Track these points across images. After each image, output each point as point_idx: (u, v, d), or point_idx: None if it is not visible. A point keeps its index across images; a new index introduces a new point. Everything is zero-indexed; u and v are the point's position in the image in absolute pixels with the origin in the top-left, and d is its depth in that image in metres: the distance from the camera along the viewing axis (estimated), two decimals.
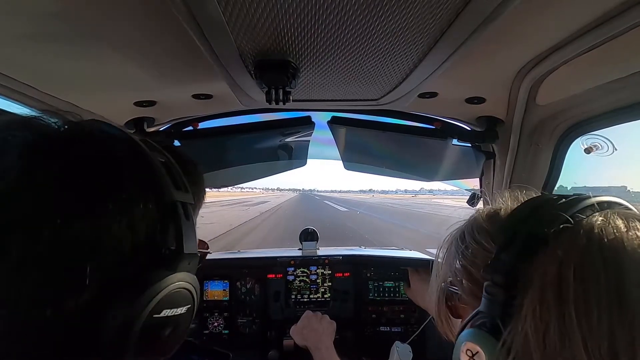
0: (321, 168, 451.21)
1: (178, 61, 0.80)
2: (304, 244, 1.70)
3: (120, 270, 0.29)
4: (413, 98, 0.95)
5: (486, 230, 0.45)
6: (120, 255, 0.29)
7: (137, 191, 0.31)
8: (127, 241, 0.29)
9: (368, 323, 1.52)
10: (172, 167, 0.36)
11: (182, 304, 0.34)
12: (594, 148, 0.98)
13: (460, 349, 0.38)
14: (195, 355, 0.63)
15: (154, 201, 0.32)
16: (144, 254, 0.31)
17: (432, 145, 1.34)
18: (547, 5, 0.59)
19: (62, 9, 0.57)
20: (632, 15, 0.57)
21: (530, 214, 0.40)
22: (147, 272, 0.31)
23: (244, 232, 12.16)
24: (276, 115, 1.31)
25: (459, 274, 0.46)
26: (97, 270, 0.28)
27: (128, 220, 0.29)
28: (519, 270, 0.36)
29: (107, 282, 0.29)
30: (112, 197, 0.29)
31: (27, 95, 0.86)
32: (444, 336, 0.51)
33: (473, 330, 0.38)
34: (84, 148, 0.30)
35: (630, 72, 0.72)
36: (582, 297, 0.32)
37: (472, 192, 1.46)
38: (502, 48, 0.74)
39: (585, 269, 0.33)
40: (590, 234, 0.35)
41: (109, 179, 0.30)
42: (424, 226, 15.65)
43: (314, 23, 0.55)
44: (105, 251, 0.28)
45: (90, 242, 0.27)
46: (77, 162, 0.29)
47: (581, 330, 0.31)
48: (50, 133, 0.30)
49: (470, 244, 0.45)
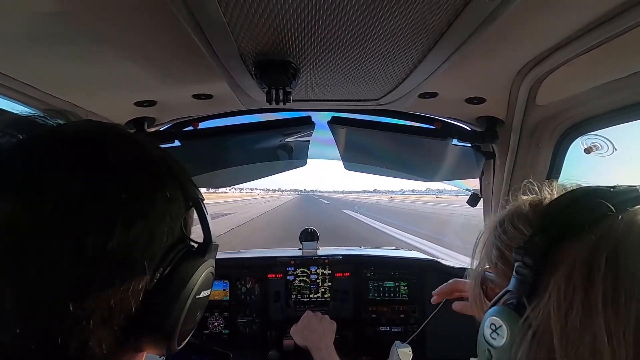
0: (322, 168, 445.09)
1: (178, 61, 0.80)
2: (304, 244, 1.70)
3: (168, 259, 0.34)
4: (413, 98, 0.95)
5: (526, 216, 0.46)
6: (167, 247, 0.34)
7: (173, 191, 0.35)
8: (172, 235, 0.34)
9: (368, 323, 1.52)
10: (182, 168, 0.40)
11: (209, 286, 0.40)
12: (594, 148, 0.98)
13: (485, 323, 0.40)
14: (195, 355, 0.63)
15: (184, 199, 0.36)
16: (183, 244, 0.36)
17: (432, 146, 1.34)
18: (546, 6, 0.59)
19: (63, 9, 0.57)
20: (632, 16, 0.57)
21: (571, 201, 0.41)
22: (190, 260, 0.36)
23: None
24: (276, 115, 1.31)
25: (494, 258, 0.48)
26: (151, 261, 0.32)
27: (170, 217, 0.34)
28: (549, 252, 0.37)
29: (161, 270, 0.33)
30: (159, 198, 0.33)
31: (27, 95, 0.86)
32: (477, 319, 0.52)
33: (499, 307, 0.40)
34: (129, 153, 0.34)
35: (630, 72, 0.72)
36: (612, 283, 0.32)
37: (472, 192, 1.47)
38: (502, 48, 0.74)
39: (620, 255, 0.33)
40: (630, 224, 0.35)
41: (154, 182, 0.34)
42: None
43: (314, 23, 0.55)
44: (157, 244, 0.33)
45: (146, 238, 0.32)
46: (128, 168, 0.33)
47: (605, 313, 0.32)
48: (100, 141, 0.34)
49: (508, 228, 0.46)
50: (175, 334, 0.35)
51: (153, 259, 0.32)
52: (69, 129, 0.34)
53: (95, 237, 0.28)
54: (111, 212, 0.30)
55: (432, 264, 1.57)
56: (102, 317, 0.29)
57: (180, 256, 0.35)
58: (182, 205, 0.36)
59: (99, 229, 0.29)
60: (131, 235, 0.30)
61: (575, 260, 0.35)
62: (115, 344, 0.31)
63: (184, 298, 0.34)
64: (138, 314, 0.32)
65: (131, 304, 0.31)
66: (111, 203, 0.30)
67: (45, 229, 0.27)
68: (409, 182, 18.78)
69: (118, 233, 0.29)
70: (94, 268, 0.29)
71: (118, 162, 0.32)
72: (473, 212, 1.47)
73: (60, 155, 0.30)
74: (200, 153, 1.41)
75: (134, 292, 0.31)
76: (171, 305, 0.34)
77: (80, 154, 0.31)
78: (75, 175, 0.29)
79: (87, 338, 0.29)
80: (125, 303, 0.31)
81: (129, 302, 0.31)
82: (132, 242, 0.30)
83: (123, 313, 0.31)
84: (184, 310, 0.34)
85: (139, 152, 0.35)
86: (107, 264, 0.29)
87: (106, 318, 0.30)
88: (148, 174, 0.34)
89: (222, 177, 1.61)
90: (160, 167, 0.35)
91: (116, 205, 0.30)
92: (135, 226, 0.30)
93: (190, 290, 0.35)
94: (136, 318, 0.32)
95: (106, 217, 0.29)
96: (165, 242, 0.33)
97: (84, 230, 0.28)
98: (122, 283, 0.30)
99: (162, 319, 0.33)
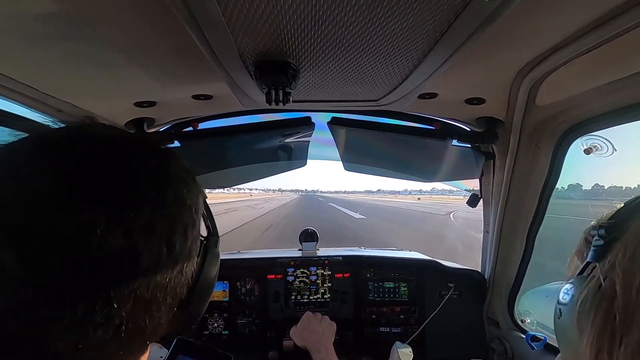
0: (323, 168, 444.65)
1: (178, 62, 0.80)
2: (304, 244, 1.70)
3: (195, 247, 0.38)
4: (413, 99, 0.95)
5: (619, 208, 0.49)
6: (193, 237, 0.37)
7: (195, 188, 0.39)
8: (195, 226, 0.38)
9: (368, 324, 1.52)
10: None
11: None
12: (593, 149, 0.98)
13: (561, 292, 0.45)
14: (195, 356, 0.62)
15: (200, 196, 0.41)
16: (202, 235, 0.41)
17: (431, 146, 1.34)
18: (546, 7, 0.59)
19: (63, 10, 0.57)
20: (631, 16, 0.57)
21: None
22: (213, 251, 0.43)
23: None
24: (276, 116, 1.31)
25: (583, 247, 0.51)
26: (184, 248, 0.35)
27: (192, 210, 0.37)
28: (620, 225, 0.41)
29: (190, 257, 0.37)
30: (184, 195, 0.36)
31: (27, 96, 0.86)
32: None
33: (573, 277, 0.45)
34: (153, 158, 0.37)
35: (629, 72, 0.72)
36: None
37: (472, 193, 1.47)
38: (502, 49, 0.74)
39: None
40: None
41: (181, 181, 0.37)
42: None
43: (314, 24, 0.55)
44: (184, 234, 0.36)
45: (197, 232, 0.38)
46: (180, 171, 0.37)
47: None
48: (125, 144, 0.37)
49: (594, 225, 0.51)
50: (200, 311, 0.42)
51: (184, 245, 0.36)
52: (113, 138, 0.36)
53: (183, 236, 0.34)
54: (175, 220, 0.34)
55: (432, 265, 1.57)
56: (168, 304, 0.34)
57: (205, 248, 0.41)
58: (200, 201, 0.41)
59: (180, 231, 0.34)
60: (195, 233, 0.37)
61: (638, 229, 0.39)
62: (165, 322, 0.36)
63: (212, 284, 0.43)
64: (189, 291, 0.38)
65: (185, 284, 0.37)
66: (184, 207, 0.35)
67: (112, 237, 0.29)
68: (412, 182, 18.54)
69: (191, 232, 0.36)
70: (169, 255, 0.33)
71: (176, 171, 0.37)
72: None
73: (114, 165, 0.32)
74: (199, 154, 1.41)
75: (187, 274, 0.37)
76: (207, 291, 0.42)
77: (147, 164, 0.35)
78: (144, 185, 0.33)
79: (158, 320, 0.34)
80: (180, 292, 0.36)
81: (183, 284, 0.36)
82: (193, 238, 0.36)
83: (179, 292, 0.36)
84: (209, 290, 0.42)
85: (174, 158, 0.39)
86: (182, 253, 0.34)
87: (169, 304, 0.34)
88: (187, 175, 0.38)
89: (222, 177, 1.61)
90: (182, 167, 0.40)
91: (187, 208, 0.36)
92: (196, 224, 0.37)
93: (214, 274, 0.43)
94: (187, 295, 0.38)
95: (190, 217, 0.36)
96: (192, 232, 0.38)
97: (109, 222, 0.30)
98: (182, 268, 0.35)
99: (200, 303, 0.41)
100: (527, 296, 1.36)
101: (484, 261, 1.48)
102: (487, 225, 1.41)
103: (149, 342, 0.36)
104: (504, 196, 1.22)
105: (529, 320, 1.35)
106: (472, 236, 8.26)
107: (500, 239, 1.30)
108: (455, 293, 1.48)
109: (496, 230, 1.30)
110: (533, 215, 1.19)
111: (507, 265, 1.33)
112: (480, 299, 1.46)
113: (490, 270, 1.41)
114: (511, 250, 1.29)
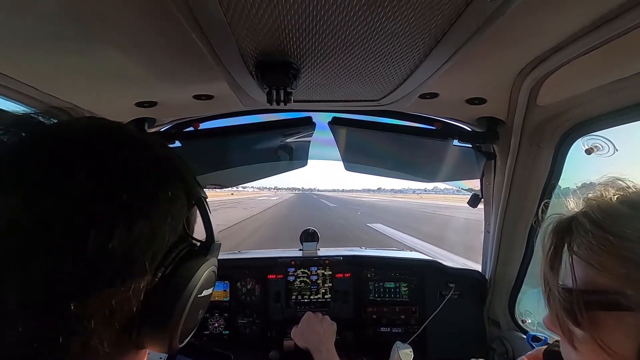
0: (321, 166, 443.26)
1: (179, 62, 0.80)
2: (305, 244, 1.70)
3: (170, 259, 0.34)
4: (414, 99, 0.95)
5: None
6: (168, 246, 0.34)
7: (176, 190, 0.35)
8: (174, 234, 0.34)
9: (368, 324, 1.52)
10: (187, 166, 0.39)
11: (212, 285, 0.40)
12: (594, 149, 0.98)
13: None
14: (197, 357, 0.62)
15: (187, 198, 0.36)
16: (186, 243, 0.36)
17: (432, 146, 1.34)
18: (547, 7, 0.59)
19: (63, 9, 0.57)
20: (632, 17, 0.57)
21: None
22: (192, 259, 0.36)
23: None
24: (277, 115, 1.31)
25: None
26: (153, 261, 0.32)
27: (172, 216, 0.34)
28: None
29: (162, 269, 0.33)
30: (161, 197, 0.33)
31: (27, 96, 0.86)
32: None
33: None
34: (133, 152, 0.34)
35: (630, 73, 0.72)
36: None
37: (473, 193, 1.47)
38: (503, 49, 0.74)
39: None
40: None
41: (158, 181, 0.34)
42: None
43: (315, 24, 0.55)
44: (158, 243, 0.32)
45: (148, 237, 0.31)
46: (131, 167, 0.32)
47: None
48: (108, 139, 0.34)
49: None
50: (177, 332, 0.35)
51: (154, 258, 0.32)
52: (72, 126, 0.34)
53: (97, 237, 0.28)
54: (113, 212, 0.29)
55: (433, 265, 1.57)
56: (103, 317, 0.30)
57: (182, 255, 0.35)
58: (184, 204, 0.36)
59: (101, 228, 0.28)
60: (132, 235, 0.30)
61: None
62: (117, 342, 0.31)
63: (186, 297, 0.34)
64: (139, 313, 0.32)
65: (132, 303, 0.31)
66: (113, 202, 0.30)
67: (46, 228, 0.27)
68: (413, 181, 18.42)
69: (119, 232, 0.29)
70: (95, 268, 0.28)
71: (120, 161, 0.32)
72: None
73: (63, 154, 0.30)
74: (200, 154, 1.41)
75: (135, 291, 0.31)
76: (172, 304, 0.34)
77: (83, 153, 0.31)
78: (76, 174, 0.29)
79: (88, 337, 0.29)
80: (126, 302, 0.31)
81: (130, 302, 0.31)
82: (133, 241, 0.30)
83: (124, 312, 0.31)
84: (186, 309, 0.35)
85: (143, 151, 0.35)
86: (108, 264, 0.29)
87: (108, 317, 0.30)
88: (151, 173, 0.34)
89: (223, 177, 1.61)
90: (164, 166, 0.35)
91: (118, 205, 0.30)
92: (137, 226, 0.30)
93: (192, 289, 0.35)
94: (137, 317, 0.32)
95: (107, 216, 0.29)
96: (167, 242, 0.33)
97: (85, 230, 0.28)
98: (123, 282, 0.30)
99: (164, 318, 0.33)
100: (527, 296, 1.35)
101: (484, 261, 1.48)
102: (487, 226, 1.41)
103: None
104: (504, 196, 1.22)
105: (529, 321, 1.35)
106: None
107: (501, 239, 1.30)
108: (456, 293, 1.48)
109: (497, 231, 1.30)
110: (534, 216, 1.19)
111: (507, 265, 1.33)
112: (481, 299, 1.46)
113: (491, 271, 1.41)
114: (512, 251, 1.29)
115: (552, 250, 0.46)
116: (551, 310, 0.46)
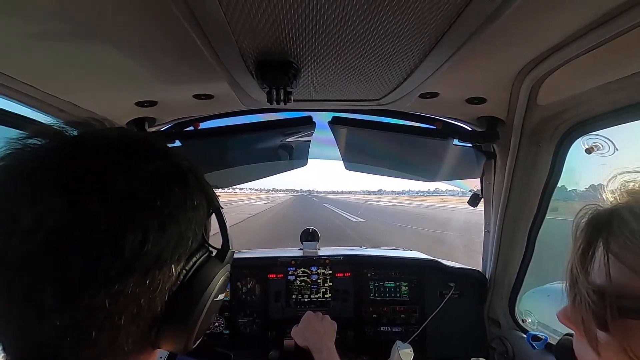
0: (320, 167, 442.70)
1: (179, 61, 0.80)
2: (305, 244, 1.70)
3: (191, 263, 0.36)
4: (414, 98, 0.95)
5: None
6: (190, 251, 0.36)
7: (199, 199, 0.37)
8: (196, 240, 0.36)
9: (369, 323, 1.52)
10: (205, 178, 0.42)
11: (225, 290, 0.42)
12: (594, 148, 0.98)
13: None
14: (197, 356, 0.63)
15: (207, 207, 0.39)
16: (204, 249, 0.39)
17: (432, 146, 1.34)
18: (547, 6, 0.59)
19: (63, 9, 0.57)
20: (632, 16, 0.57)
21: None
22: (210, 264, 0.39)
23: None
24: (277, 115, 1.31)
25: None
26: (178, 264, 0.34)
27: (195, 223, 0.36)
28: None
29: (184, 273, 0.35)
30: (188, 205, 0.35)
31: (27, 95, 0.86)
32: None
33: None
34: (163, 163, 0.36)
35: (630, 72, 0.72)
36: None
37: (473, 193, 1.47)
38: (503, 48, 0.74)
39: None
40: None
41: (185, 190, 0.36)
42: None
43: (315, 23, 0.55)
44: (183, 248, 0.35)
45: (176, 241, 0.34)
46: (162, 176, 0.35)
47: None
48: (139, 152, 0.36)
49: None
50: (194, 333, 0.37)
51: (179, 261, 0.35)
52: (107, 136, 0.36)
53: (134, 239, 0.30)
54: (148, 215, 0.32)
55: (433, 264, 1.57)
56: (132, 314, 0.31)
57: (202, 261, 0.38)
58: (205, 213, 0.38)
59: (138, 229, 0.30)
60: (164, 238, 0.32)
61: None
62: (140, 340, 0.33)
63: (204, 300, 0.37)
64: (163, 313, 0.34)
65: (157, 304, 0.33)
66: (148, 207, 0.32)
67: (88, 229, 0.29)
68: (412, 182, 17.65)
69: (153, 235, 0.31)
70: (130, 267, 0.30)
71: (153, 170, 0.34)
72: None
73: (104, 161, 0.32)
74: (201, 153, 1.41)
75: (161, 292, 0.33)
76: (193, 307, 0.36)
77: (121, 161, 0.33)
78: (117, 179, 0.31)
79: (116, 333, 0.31)
80: (152, 302, 0.33)
81: (155, 302, 0.33)
82: (164, 244, 0.32)
83: (150, 312, 0.33)
84: (204, 312, 0.37)
85: (170, 162, 0.37)
86: (141, 264, 0.31)
87: (135, 315, 0.32)
88: (179, 182, 0.36)
89: (223, 177, 1.61)
90: (189, 177, 0.37)
91: (152, 209, 0.32)
92: (168, 229, 0.33)
93: (210, 293, 0.38)
94: (161, 317, 0.34)
95: (144, 219, 0.31)
96: (190, 247, 0.36)
97: (123, 231, 0.30)
98: (153, 283, 0.32)
99: (185, 319, 0.36)
100: (528, 296, 1.36)
101: (484, 261, 1.48)
102: (488, 225, 1.41)
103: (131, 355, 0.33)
104: (505, 195, 1.22)
105: (529, 320, 1.35)
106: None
107: (501, 238, 1.30)
108: (456, 292, 1.48)
109: (497, 230, 1.30)
110: (534, 215, 1.19)
111: (508, 264, 1.33)
112: (481, 298, 1.46)
113: (491, 270, 1.41)
114: (512, 250, 1.29)
115: (585, 245, 0.41)
116: (574, 310, 0.42)
